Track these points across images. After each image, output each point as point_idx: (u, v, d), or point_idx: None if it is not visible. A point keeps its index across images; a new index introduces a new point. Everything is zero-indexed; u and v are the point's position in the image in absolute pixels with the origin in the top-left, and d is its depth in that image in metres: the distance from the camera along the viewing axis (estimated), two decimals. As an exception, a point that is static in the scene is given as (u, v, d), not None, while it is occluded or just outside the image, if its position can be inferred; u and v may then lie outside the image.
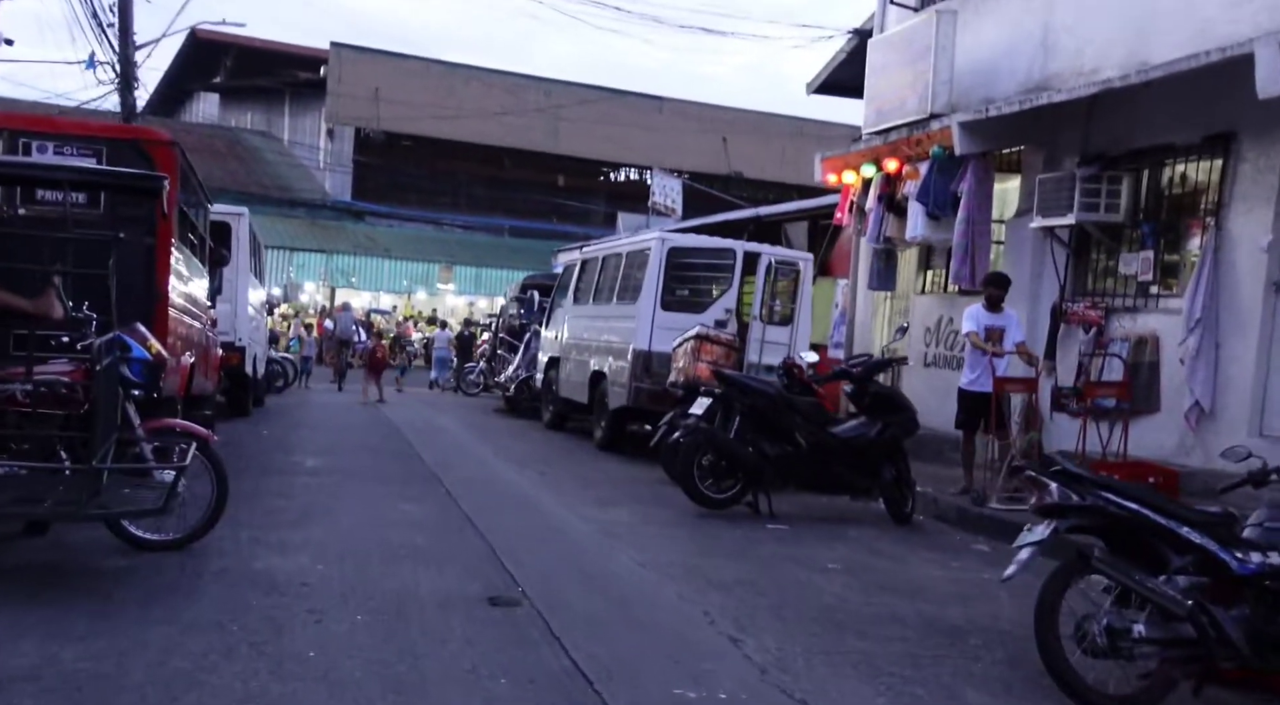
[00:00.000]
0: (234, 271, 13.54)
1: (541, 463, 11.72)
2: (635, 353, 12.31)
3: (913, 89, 12.59)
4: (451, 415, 17.27)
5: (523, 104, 37.07)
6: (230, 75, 41.97)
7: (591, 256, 14.95)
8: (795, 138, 40.77)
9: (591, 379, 13.70)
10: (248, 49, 39.81)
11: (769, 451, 8.99)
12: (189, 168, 8.64)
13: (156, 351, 6.51)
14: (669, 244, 12.48)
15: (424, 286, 35.88)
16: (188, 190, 8.65)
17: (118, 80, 24.17)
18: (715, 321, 11.76)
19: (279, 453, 11.14)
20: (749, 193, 35.60)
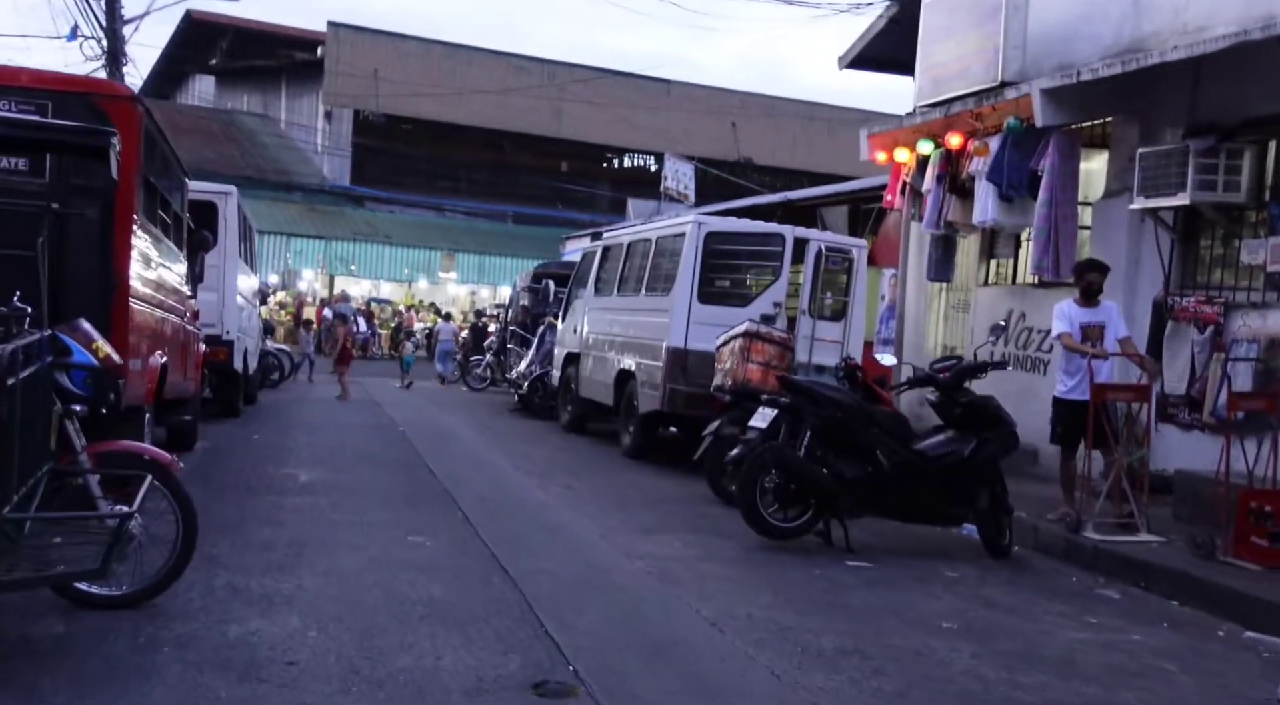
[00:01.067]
0: (220, 257, 12.03)
1: (566, 474, 10.25)
2: (669, 351, 10.83)
3: (979, 55, 11.09)
4: (459, 415, 15.78)
5: (525, 86, 35.50)
6: (226, 57, 40.35)
7: (615, 243, 13.45)
8: (806, 123, 39.33)
9: (617, 379, 12.22)
10: (244, 30, 38.23)
11: (846, 473, 7.51)
12: (157, 132, 7.13)
13: (105, 355, 5.02)
14: (706, 228, 10.98)
15: (425, 275, 34.32)
16: (156, 158, 7.15)
17: (105, 56, 22.67)
18: (762, 316, 10.27)
19: (270, 463, 9.65)
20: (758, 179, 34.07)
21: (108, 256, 6.12)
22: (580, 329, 13.87)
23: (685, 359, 10.80)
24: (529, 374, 15.90)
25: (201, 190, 12.12)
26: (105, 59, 22.40)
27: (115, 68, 22.38)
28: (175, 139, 26.29)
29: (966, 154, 11.10)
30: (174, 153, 8.06)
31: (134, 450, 5.09)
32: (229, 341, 12.09)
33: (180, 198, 8.54)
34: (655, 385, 11.06)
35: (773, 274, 10.80)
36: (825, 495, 7.45)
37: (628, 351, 12.00)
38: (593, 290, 13.72)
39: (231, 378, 12.58)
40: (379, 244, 33.22)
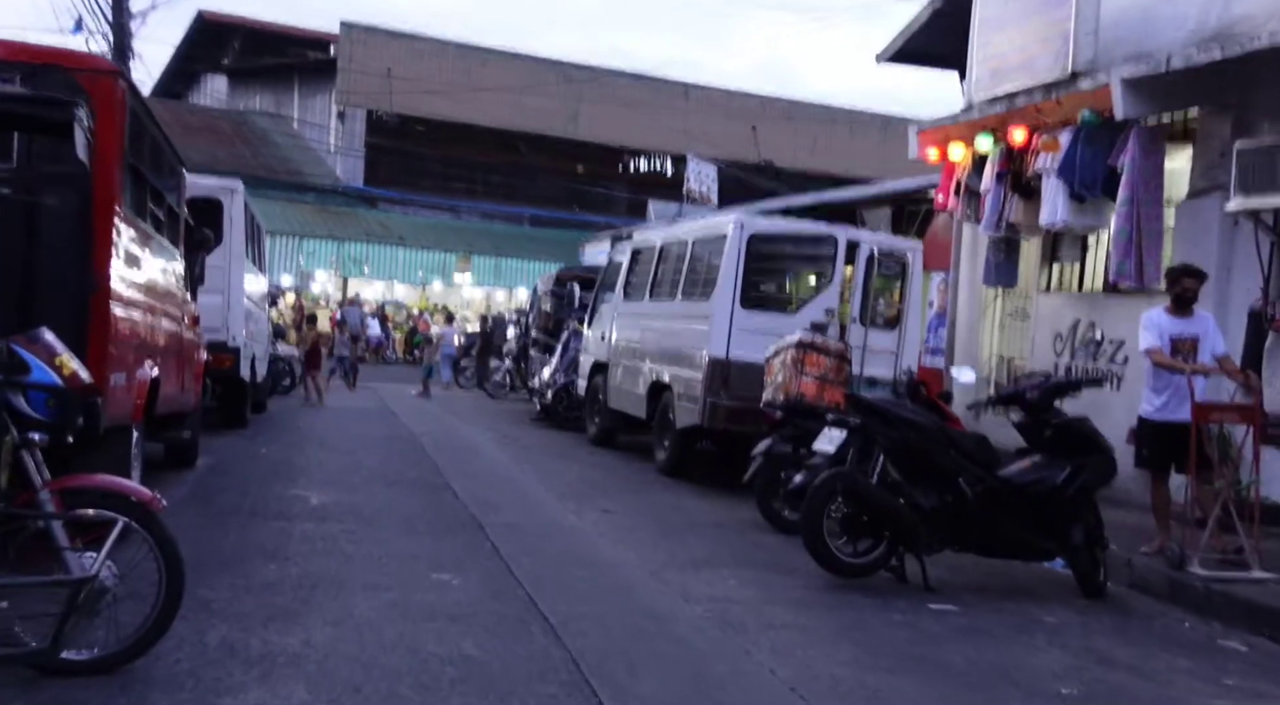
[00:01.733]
0: (225, 257, 11.18)
1: (600, 495, 9.36)
2: (710, 362, 9.94)
3: (1045, 44, 10.17)
4: (480, 425, 14.89)
5: (541, 88, 34.64)
6: (238, 57, 39.57)
7: (646, 245, 12.56)
8: (827, 126, 38.45)
9: (650, 391, 11.32)
10: (256, 31, 37.45)
11: (923, 503, 6.60)
12: (145, 113, 6.26)
13: (70, 372, 4.13)
14: (750, 229, 10.07)
15: (440, 277, 33.44)
16: (144, 144, 6.27)
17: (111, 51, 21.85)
18: (812, 324, 9.36)
19: (278, 482, 8.76)
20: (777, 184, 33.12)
21: (85, 254, 5.25)
22: (608, 336, 12.98)
23: (727, 370, 9.91)
24: (553, 383, 15.01)
25: (205, 186, 11.28)
26: (111, 54, 21.56)
27: (122, 63, 21.56)
28: (186, 138, 25.30)
29: (1032, 150, 10.19)
30: (167, 139, 7.18)
31: (107, 486, 4.19)
32: (234, 348, 11.23)
33: (176, 191, 7.66)
34: (694, 398, 10.17)
35: (824, 279, 9.90)
36: (902, 527, 6.55)
37: (662, 361, 11.11)
38: (622, 295, 12.83)
39: (238, 386, 11.71)
40: (393, 246, 32.38)
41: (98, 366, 5.26)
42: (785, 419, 8.42)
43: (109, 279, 5.36)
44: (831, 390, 8.38)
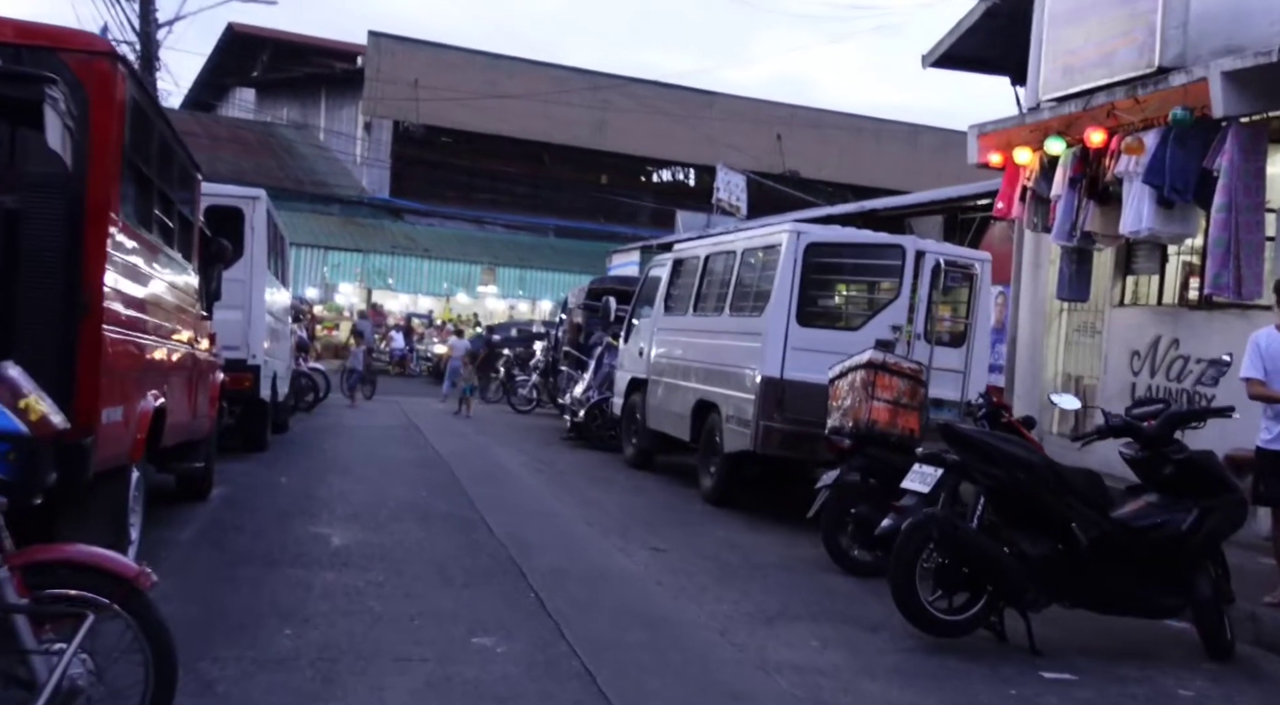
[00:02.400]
0: (247, 270, 10.37)
1: (646, 529, 8.45)
2: (764, 382, 9.03)
3: (1126, 37, 9.24)
4: (509, 445, 13.99)
5: (568, 97, 33.84)
6: (267, 69, 38.95)
7: (689, 255, 11.66)
8: (853, 135, 37.51)
9: (695, 411, 10.41)
10: (284, 43, 36.83)
11: (1030, 552, 5.68)
12: (151, 106, 5.41)
13: (39, 417, 3.26)
14: (807, 238, 9.16)
15: (465, 289, 32.65)
16: (150, 141, 5.41)
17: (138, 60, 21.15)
18: (877, 342, 8.43)
19: (297, 518, 7.89)
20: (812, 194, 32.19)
21: (73, 270, 4.39)
22: (647, 352, 12.09)
23: (782, 391, 9.00)
24: (586, 400, 14.11)
25: (225, 195, 10.50)
26: (139, 64, 20.85)
27: (148, 73, 20.86)
28: (212, 150, 24.45)
29: (1111, 152, 9.25)
30: (179, 139, 6.33)
31: (82, 559, 3.31)
32: (255, 366, 10.39)
33: (190, 197, 6.81)
34: (745, 421, 9.26)
35: (890, 292, 8.97)
36: (1007, 580, 5.62)
37: (708, 380, 10.21)
38: (662, 309, 11.93)
39: (258, 408, 10.85)
40: (418, 257, 31.64)
41: (88, 402, 4.41)
42: (854, 448, 7.50)
43: (102, 299, 4.50)
44: (905, 416, 7.46)
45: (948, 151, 38.68)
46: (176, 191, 6.19)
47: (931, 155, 37.47)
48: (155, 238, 5.64)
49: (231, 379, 9.94)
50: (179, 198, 6.29)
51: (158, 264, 5.69)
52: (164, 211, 5.94)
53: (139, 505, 5.62)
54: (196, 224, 7.05)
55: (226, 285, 9.99)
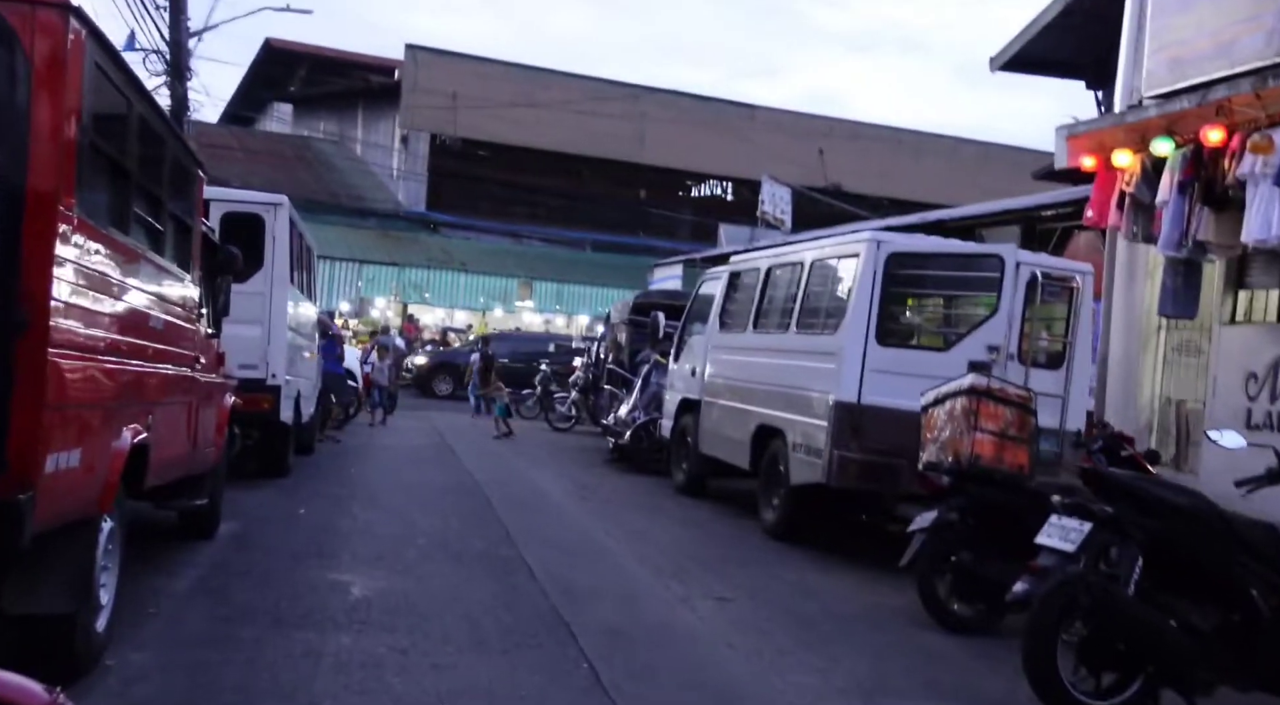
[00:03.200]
0: (267, 282, 9.41)
1: (707, 571, 7.36)
2: (838, 407, 7.92)
3: (1251, 23, 8.07)
4: (548, 468, 12.91)
5: (607, 109, 32.92)
6: (304, 85, 38.35)
7: (748, 268, 10.57)
8: (894, 148, 36.32)
9: (755, 437, 9.32)
10: (321, 59, 36.20)
11: (1200, 624, 4.54)
12: (125, 80, 4.39)
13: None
14: (889, 248, 8.05)
15: (501, 303, 31.70)
16: (120, 121, 4.40)
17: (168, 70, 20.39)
18: (971, 364, 7.31)
19: (314, 559, 6.85)
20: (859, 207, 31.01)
21: (9, 276, 3.36)
22: (700, 372, 11.01)
23: (859, 417, 7.89)
24: (631, 421, 13.03)
25: (243, 201, 9.56)
26: (169, 73, 20.09)
27: (179, 82, 20.07)
28: (248, 164, 23.40)
29: (1232, 152, 8.06)
30: (172, 127, 5.31)
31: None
32: (274, 387, 9.40)
33: (187, 197, 5.80)
34: (815, 449, 8.15)
35: (984, 308, 7.84)
36: (1172, 658, 4.48)
37: (771, 403, 9.11)
38: (717, 325, 10.85)
39: (278, 431, 9.85)
40: (454, 271, 30.73)
41: (24, 447, 3.39)
42: (955, 486, 6.38)
43: (48, 314, 3.47)
44: (1013, 450, 6.33)
45: (988, 165, 37.61)
46: (167, 189, 5.18)
47: (973, 168, 36.27)
48: (136, 242, 4.62)
49: (247, 400, 8.95)
50: (171, 197, 5.28)
51: (140, 274, 4.67)
52: (150, 212, 4.92)
53: (114, 560, 4.60)
54: (197, 228, 6.04)
55: (244, 299, 9.06)
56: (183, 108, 19.98)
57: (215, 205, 9.35)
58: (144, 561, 6.26)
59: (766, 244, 20.76)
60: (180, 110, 19.85)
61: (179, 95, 19.93)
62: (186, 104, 20.18)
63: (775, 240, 21.46)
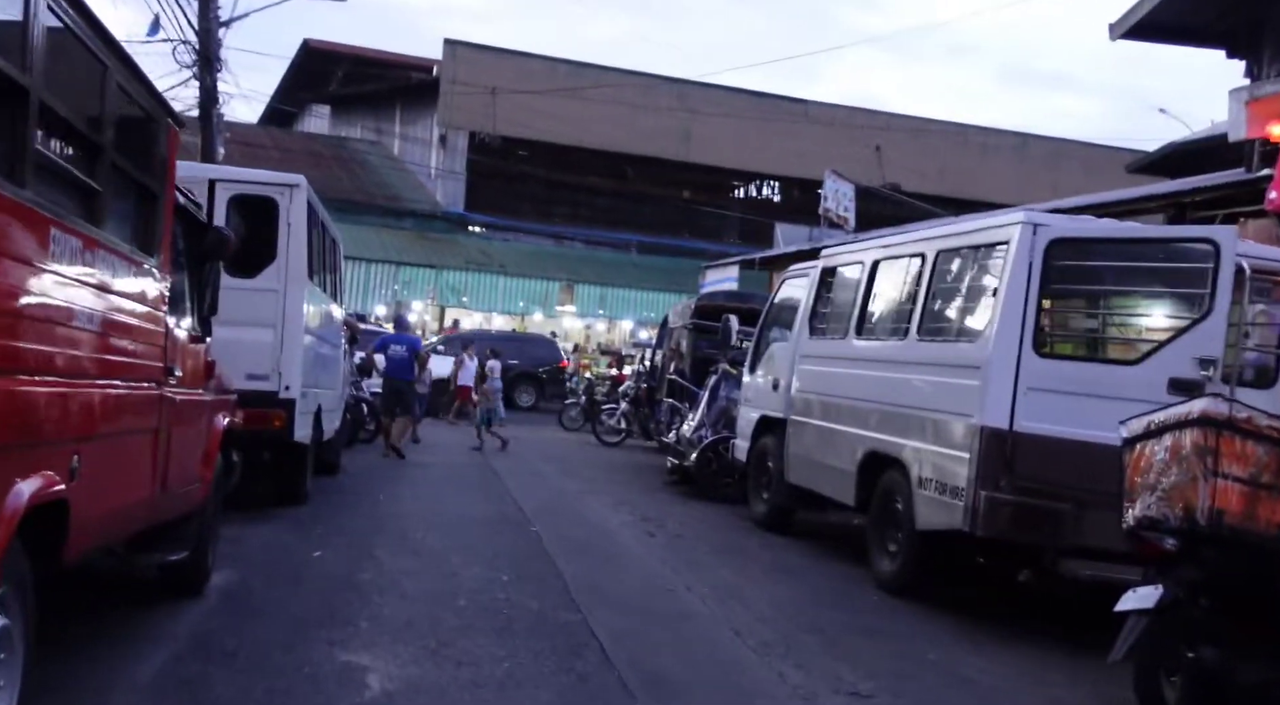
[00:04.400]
0: (281, 278, 7.88)
1: (822, 645, 5.72)
2: (985, 435, 6.25)
3: None
4: (605, 493, 11.27)
5: (653, 107, 31.35)
6: (342, 84, 37.08)
7: (846, 262, 8.90)
8: (958, 146, 34.47)
9: (864, 466, 7.67)
10: (360, 59, 34.89)
11: None
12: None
13: None
14: (1049, 233, 6.35)
15: (542, 307, 30.14)
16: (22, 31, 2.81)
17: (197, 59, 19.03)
18: (1171, 382, 5.63)
19: (322, 630, 5.24)
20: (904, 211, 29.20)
21: None
22: (784, 385, 9.36)
23: (1013, 448, 6.22)
24: (698, 439, 11.38)
25: (252, 181, 8.06)
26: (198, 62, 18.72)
27: (207, 71, 18.70)
28: (284, 164, 21.72)
29: None
30: (117, 46, 3.72)
31: None
32: (288, 401, 7.84)
33: (149, 152, 4.23)
34: (952, 487, 6.48)
35: (1191, 309, 6.11)
36: None
37: (885, 426, 7.45)
38: (806, 331, 9.20)
39: (292, 453, 8.30)
40: (493, 274, 29.22)
41: None
42: (1186, 551, 4.69)
43: None
44: (1272, 504, 4.62)
45: (1060, 162, 35.62)
46: (110, 137, 3.62)
47: (1043, 166, 34.36)
48: (44, 202, 3.06)
49: (254, 417, 7.44)
50: (120, 149, 3.72)
51: (53, 250, 3.11)
52: (79, 163, 3.37)
53: (15, 659, 3.06)
54: (167, 198, 4.46)
55: (253, 297, 7.58)
56: (211, 99, 18.63)
57: (221, 187, 7.82)
58: (102, 635, 4.73)
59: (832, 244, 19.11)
60: (209, 102, 18.52)
61: (207, 86, 18.58)
62: (215, 96, 18.82)
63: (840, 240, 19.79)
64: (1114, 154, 36.99)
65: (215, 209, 7.74)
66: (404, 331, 14.39)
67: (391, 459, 12.93)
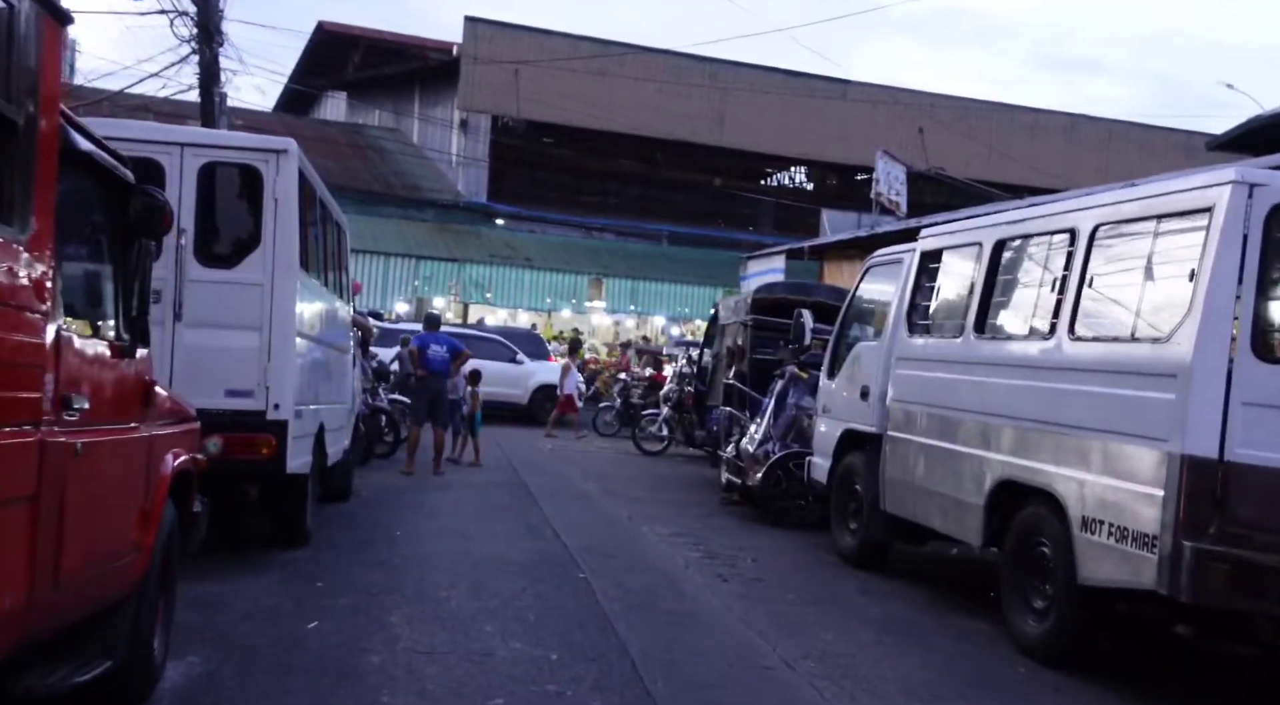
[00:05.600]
0: (266, 268, 6.40)
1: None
2: (1187, 466, 4.71)
3: None
4: (659, 519, 9.70)
5: (685, 88, 29.78)
6: (359, 69, 35.65)
7: (957, 243, 7.33)
8: (1004, 128, 32.73)
9: (994, 498, 6.13)
10: (376, 43, 33.39)
11: None
12: None
13: None
14: (1270, 196, 4.81)
15: (570, 303, 28.62)
16: None
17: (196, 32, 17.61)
18: None
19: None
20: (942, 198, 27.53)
21: None
22: (876, 392, 7.81)
23: (1225, 482, 4.68)
24: (763, 455, 9.82)
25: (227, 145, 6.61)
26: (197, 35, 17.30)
27: (207, 45, 17.28)
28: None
29: None
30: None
31: None
32: (278, 422, 6.34)
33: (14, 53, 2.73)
34: (1136, 534, 4.94)
35: None
36: None
37: (1027, 448, 5.89)
38: (904, 328, 7.63)
39: (287, 487, 6.78)
40: (519, 268, 27.70)
41: None
42: None
43: None
44: None
45: (1112, 144, 33.81)
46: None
47: (1094, 149, 32.61)
48: None
49: (236, 444, 6.01)
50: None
51: None
52: None
53: None
54: (43, 135, 2.93)
55: (232, 293, 6.12)
56: (212, 77, 17.20)
57: (191, 153, 6.39)
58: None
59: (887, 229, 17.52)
60: (209, 79, 17.09)
61: (207, 60, 17.15)
62: (217, 72, 17.39)
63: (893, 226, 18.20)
64: (1169, 135, 35.25)
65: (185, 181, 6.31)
66: (435, 330, 12.89)
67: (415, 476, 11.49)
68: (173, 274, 6.13)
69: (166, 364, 6.05)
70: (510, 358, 19.34)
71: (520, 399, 19.24)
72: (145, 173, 5.68)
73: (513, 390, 18.97)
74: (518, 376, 19.24)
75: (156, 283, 6.03)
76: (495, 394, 17.64)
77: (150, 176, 6.03)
